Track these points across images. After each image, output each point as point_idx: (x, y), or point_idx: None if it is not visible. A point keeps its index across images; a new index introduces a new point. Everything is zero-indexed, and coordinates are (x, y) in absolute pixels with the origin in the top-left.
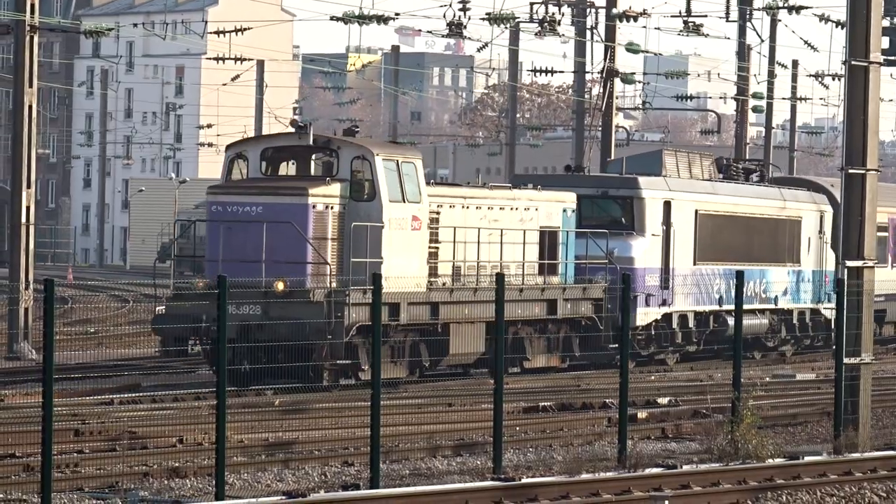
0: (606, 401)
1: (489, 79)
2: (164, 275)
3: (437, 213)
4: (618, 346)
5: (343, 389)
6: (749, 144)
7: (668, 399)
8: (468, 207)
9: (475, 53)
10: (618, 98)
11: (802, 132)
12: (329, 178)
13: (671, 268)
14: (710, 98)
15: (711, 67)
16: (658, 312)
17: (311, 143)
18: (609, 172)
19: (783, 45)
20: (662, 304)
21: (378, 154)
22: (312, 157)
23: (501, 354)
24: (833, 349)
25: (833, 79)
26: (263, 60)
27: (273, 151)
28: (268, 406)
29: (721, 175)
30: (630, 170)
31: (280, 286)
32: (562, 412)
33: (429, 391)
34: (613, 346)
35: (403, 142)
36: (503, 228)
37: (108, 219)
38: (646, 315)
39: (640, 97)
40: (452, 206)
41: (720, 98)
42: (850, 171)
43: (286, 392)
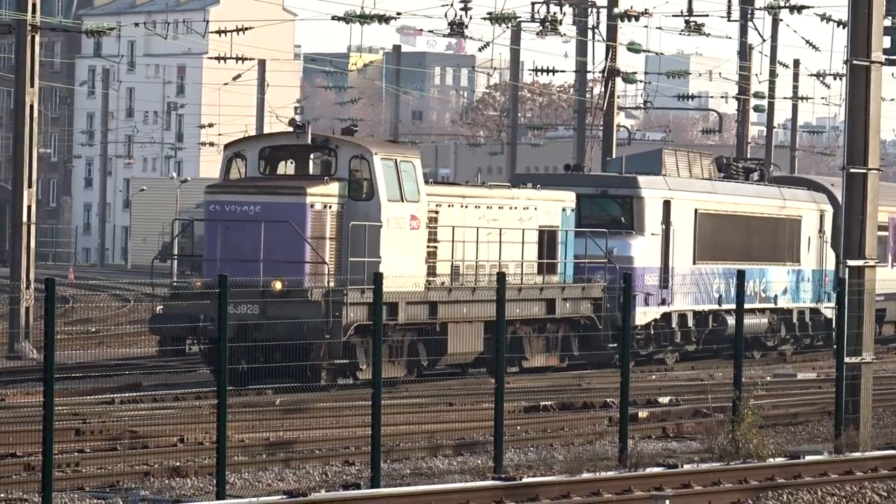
0: (607, 400)
1: (490, 78)
2: (163, 274)
3: (436, 213)
4: (616, 346)
5: (341, 389)
6: (750, 144)
7: (669, 398)
8: (467, 207)
9: (476, 53)
10: (619, 97)
11: (804, 131)
12: (327, 178)
13: (670, 267)
14: (712, 97)
15: (713, 67)
16: (657, 312)
17: (310, 143)
18: (608, 172)
19: (785, 45)
20: (662, 304)
21: (376, 153)
22: (311, 157)
23: (503, 354)
24: (833, 348)
25: (834, 78)
26: (265, 60)
27: (271, 151)
28: (269, 405)
29: (721, 174)
30: (630, 169)
31: (278, 286)
32: (563, 411)
33: (429, 391)
34: (612, 346)
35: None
36: (502, 228)
37: (110, 218)
38: (645, 314)
39: (642, 96)
40: (451, 206)
41: (721, 97)
42: (852, 171)
43: (284, 392)
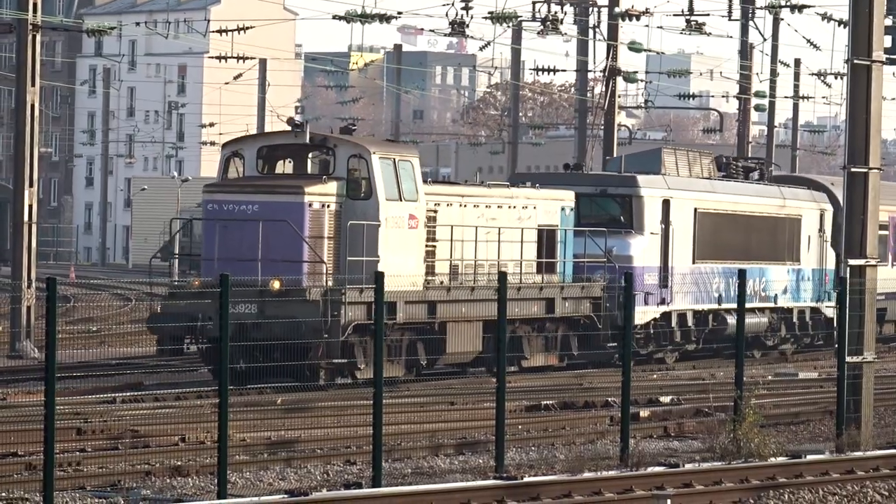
0: (608, 399)
1: (491, 77)
2: (162, 273)
3: (435, 212)
4: (616, 345)
5: (339, 388)
6: (751, 143)
7: (671, 398)
8: (466, 206)
9: (478, 52)
10: (620, 97)
11: (805, 131)
12: (325, 177)
13: (670, 266)
14: (713, 97)
15: (714, 66)
16: (657, 311)
17: (308, 142)
18: (608, 171)
19: (786, 44)
20: (661, 303)
21: (374, 152)
22: (309, 156)
23: (503, 353)
24: (834, 348)
25: (835, 77)
26: (266, 59)
27: (269, 150)
28: (270, 405)
29: (721, 173)
30: (629, 168)
31: (276, 285)
32: (564, 411)
33: (431, 390)
34: (612, 345)
35: (405, 140)
36: (501, 227)
37: (111, 217)
38: (644, 314)
39: (643, 96)
40: (450, 205)
41: (722, 97)
42: (853, 170)
43: (282, 392)
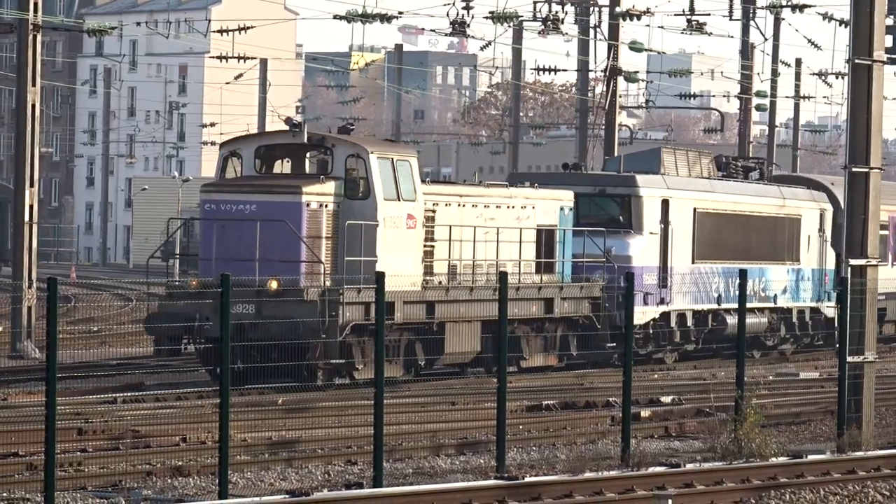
0: (609, 399)
1: (492, 77)
2: (159, 273)
3: (433, 212)
4: (615, 345)
5: (337, 389)
6: (752, 143)
7: (672, 398)
8: (464, 206)
9: (478, 52)
10: (621, 96)
11: (806, 130)
12: (323, 177)
13: (669, 266)
14: (714, 96)
15: (715, 66)
16: (656, 311)
17: (306, 141)
18: (607, 170)
19: (787, 44)
20: (660, 303)
21: (372, 152)
22: (307, 155)
23: (504, 353)
24: (834, 348)
25: (836, 77)
26: (267, 59)
27: (267, 149)
28: (271, 405)
29: (720, 173)
30: (628, 168)
31: (273, 285)
32: (565, 411)
33: (432, 390)
34: (611, 346)
35: (406, 140)
36: (499, 227)
37: (111, 217)
38: (644, 314)
39: (644, 95)
40: (448, 205)
41: (723, 96)
42: (854, 170)
43: (279, 392)
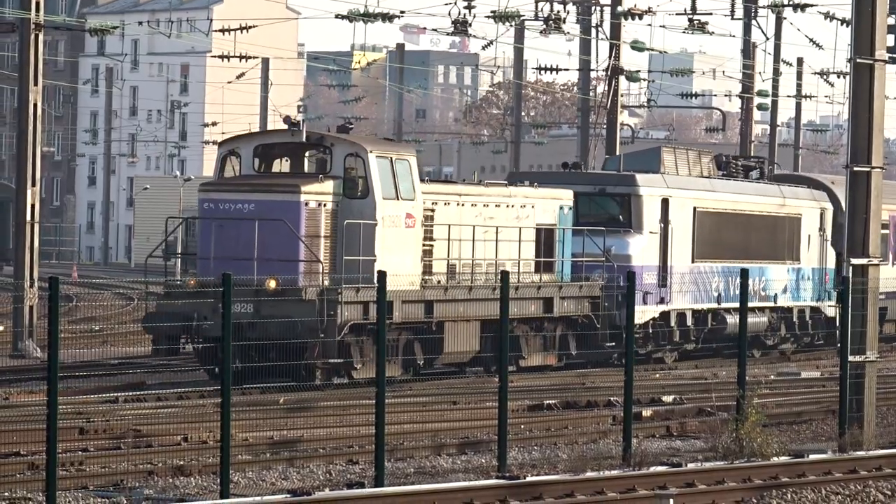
0: (611, 399)
1: (494, 76)
2: (158, 272)
3: (432, 211)
4: (614, 345)
5: (336, 388)
6: (754, 142)
7: (673, 397)
8: (463, 205)
9: (480, 51)
10: (623, 96)
11: (807, 130)
12: (322, 176)
13: (669, 266)
14: (715, 96)
15: (716, 65)
16: (656, 311)
17: (304, 140)
18: (607, 170)
19: (788, 43)
20: (660, 303)
21: (371, 151)
22: (306, 154)
23: (506, 352)
24: (835, 347)
25: (838, 76)
26: (268, 58)
27: (266, 148)
28: (272, 404)
29: (721, 172)
30: (628, 167)
31: (272, 284)
32: (566, 410)
33: (433, 390)
34: (610, 345)
35: (408, 139)
36: (499, 226)
37: (113, 217)
38: (643, 313)
39: (645, 95)
40: (447, 204)
41: (725, 96)
42: (856, 169)
43: (277, 391)
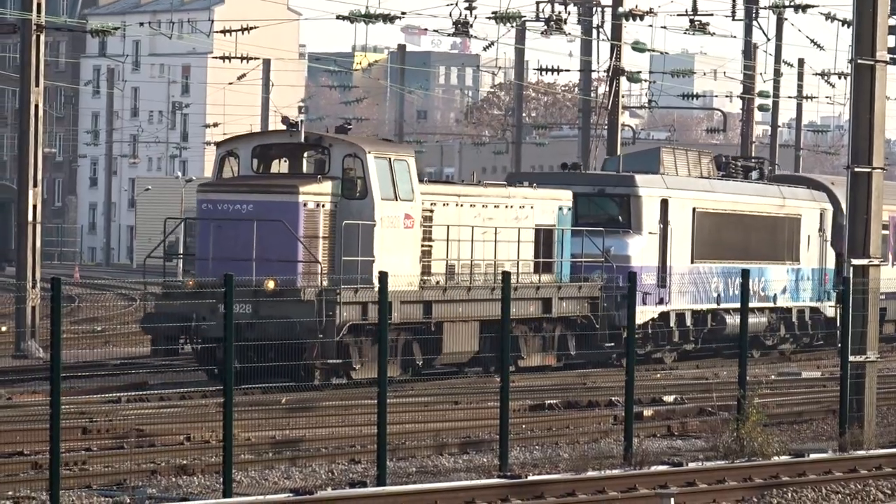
0: (612, 399)
1: (495, 77)
2: (157, 272)
3: (431, 212)
4: (613, 345)
5: (334, 389)
6: (755, 143)
7: (674, 397)
8: (462, 205)
9: (481, 52)
10: (624, 97)
11: (808, 131)
12: (320, 176)
13: (668, 266)
14: (716, 97)
15: (717, 66)
16: (655, 311)
17: (303, 141)
18: (606, 170)
19: (789, 44)
20: (659, 303)
21: (370, 152)
22: (304, 155)
23: (507, 353)
24: (834, 347)
25: (839, 77)
26: (270, 59)
27: (264, 149)
28: (274, 404)
29: (720, 173)
30: (628, 168)
31: (270, 285)
32: (568, 410)
33: (434, 390)
34: (609, 345)
35: (409, 140)
36: (498, 227)
37: (115, 217)
38: (642, 314)
39: (646, 96)
40: (446, 205)
41: (726, 97)
42: (857, 170)
43: (276, 392)
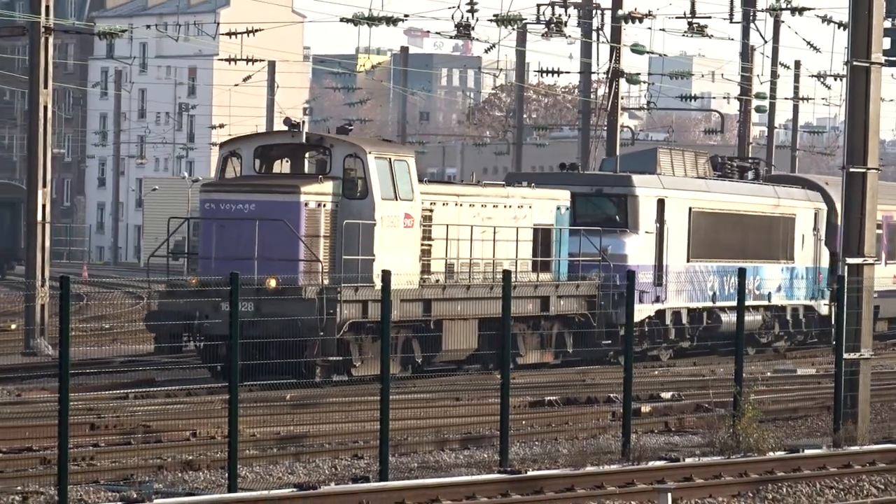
0: (610, 395)
1: (496, 79)
2: (161, 271)
3: (430, 211)
4: (611, 343)
5: (335, 386)
6: (752, 144)
7: (671, 394)
8: (461, 205)
9: (483, 54)
10: (623, 98)
11: (804, 132)
12: (322, 176)
13: (665, 265)
14: (714, 98)
15: (715, 68)
16: (651, 309)
17: (304, 142)
18: (604, 171)
19: (786, 46)
20: (656, 301)
21: (370, 152)
22: (306, 156)
23: (508, 350)
24: (827, 345)
25: (835, 79)
26: (274, 61)
27: (266, 149)
28: (279, 401)
29: (716, 173)
30: (625, 168)
31: (272, 283)
32: (567, 406)
33: (436, 386)
34: (607, 343)
35: (411, 141)
36: (496, 226)
37: (123, 217)
38: (639, 312)
39: (645, 97)
40: (445, 204)
41: (724, 98)
42: (852, 170)
43: (277, 388)
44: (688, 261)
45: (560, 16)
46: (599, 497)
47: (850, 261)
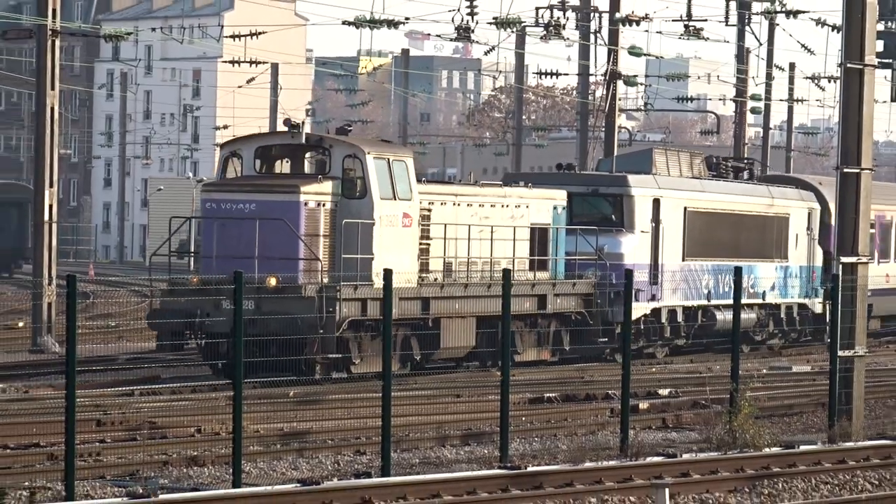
0: (609, 392)
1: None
2: (163, 270)
3: (429, 211)
4: (607, 340)
5: (334, 383)
6: (747, 145)
7: (669, 390)
8: (459, 205)
9: (482, 57)
10: (620, 100)
11: (799, 133)
12: (321, 176)
13: (660, 264)
14: (710, 99)
15: (711, 70)
16: (647, 307)
17: (304, 142)
18: (600, 171)
19: (781, 49)
20: (651, 300)
21: (369, 152)
22: (305, 156)
23: (507, 347)
24: (821, 342)
25: (829, 81)
26: (277, 63)
27: (267, 150)
28: (283, 397)
29: (711, 173)
30: (621, 168)
31: (272, 282)
32: (566, 403)
33: (437, 383)
34: (603, 340)
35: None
36: (494, 225)
37: (128, 217)
38: (635, 310)
39: (642, 99)
40: (444, 204)
41: (720, 99)
42: (846, 171)
43: (276, 385)
44: (683, 260)
45: (559, 19)
46: (598, 492)
47: (845, 260)
